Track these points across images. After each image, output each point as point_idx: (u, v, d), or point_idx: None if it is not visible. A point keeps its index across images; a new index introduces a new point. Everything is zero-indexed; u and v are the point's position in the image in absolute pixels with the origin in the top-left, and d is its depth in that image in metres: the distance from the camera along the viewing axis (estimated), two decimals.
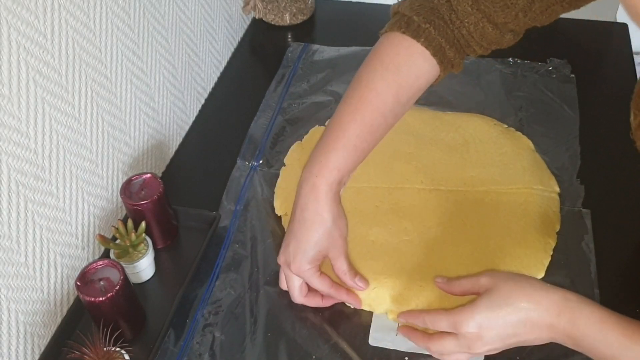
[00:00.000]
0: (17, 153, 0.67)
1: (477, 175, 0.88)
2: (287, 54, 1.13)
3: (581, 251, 0.80)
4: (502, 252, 0.79)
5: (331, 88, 1.05)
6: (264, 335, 0.75)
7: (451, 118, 0.96)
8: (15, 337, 0.69)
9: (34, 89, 0.68)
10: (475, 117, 0.96)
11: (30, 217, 0.70)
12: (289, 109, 1.03)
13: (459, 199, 0.85)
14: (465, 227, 0.82)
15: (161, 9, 0.90)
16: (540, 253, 0.79)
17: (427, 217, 0.83)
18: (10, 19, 0.63)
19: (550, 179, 0.87)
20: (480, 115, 0.97)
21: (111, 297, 0.69)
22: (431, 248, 0.80)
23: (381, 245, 0.81)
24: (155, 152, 0.94)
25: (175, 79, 0.97)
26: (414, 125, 0.94)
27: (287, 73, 1.09)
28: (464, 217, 0.83)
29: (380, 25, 0.76)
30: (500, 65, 1.07)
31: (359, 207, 0.84)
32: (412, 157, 0.91)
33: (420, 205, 0.85)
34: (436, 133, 0.94)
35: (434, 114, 0.97)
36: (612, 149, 0.93)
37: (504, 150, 0.91)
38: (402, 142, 0.92)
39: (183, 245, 0.85)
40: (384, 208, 0.85)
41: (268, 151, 0.96)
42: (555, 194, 0.86)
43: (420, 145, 0.92)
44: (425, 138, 0.93)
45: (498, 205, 0.84)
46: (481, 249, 0.79)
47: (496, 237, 0.80)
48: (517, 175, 0.87)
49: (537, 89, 1.03)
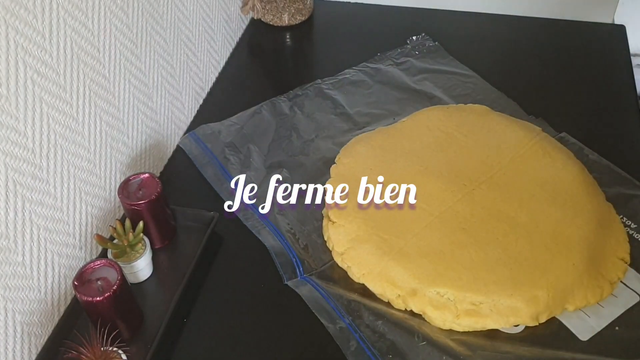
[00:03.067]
0: (14, 152, 0.66)
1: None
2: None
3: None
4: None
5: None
6: None
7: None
8: (12, 337, 0.69)
9: (31, 88, 0.68)
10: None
11: (27, 216, 0.70)
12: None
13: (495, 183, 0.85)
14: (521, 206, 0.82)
15: (159, 8, 0.90)
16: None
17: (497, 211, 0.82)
18: (8, 18, 0.63)
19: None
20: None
21: (108, 297, 0.69)
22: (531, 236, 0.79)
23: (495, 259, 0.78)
24: (153, 152, 0.94)
25: (173, 79, 0.97)
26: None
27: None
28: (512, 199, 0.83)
29: (378, 26, 0.76)
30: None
31: (448, 238, 0.80)
32: (441, 165, 0.88)
33: (481, 204, 0.83)
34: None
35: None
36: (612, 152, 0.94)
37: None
38: (422, 156, 0.90)
39: (181, 245, 0.85)
40: (472, 223, 0.81)
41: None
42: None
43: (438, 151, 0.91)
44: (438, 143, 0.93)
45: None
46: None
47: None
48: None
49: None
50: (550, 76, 1.08)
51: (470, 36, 1.18)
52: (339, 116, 1.02)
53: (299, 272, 0.81)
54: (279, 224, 0.86)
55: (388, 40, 1.15)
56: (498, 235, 0.79)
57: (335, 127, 1.00)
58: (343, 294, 0.78)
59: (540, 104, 1.02)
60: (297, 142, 0.98)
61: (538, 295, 0.74)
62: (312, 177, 0.92)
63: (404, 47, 1.14)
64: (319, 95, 1.06)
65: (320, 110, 1.03)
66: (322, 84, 1.08)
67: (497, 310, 0.73)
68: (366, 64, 1.11)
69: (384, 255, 0.78)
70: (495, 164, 0.87)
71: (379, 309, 0.77)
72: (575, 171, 0.86)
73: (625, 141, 0.96)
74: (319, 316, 0.76)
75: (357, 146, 0.93)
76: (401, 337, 0.74)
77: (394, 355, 0.72)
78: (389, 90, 1.06)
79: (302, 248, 0.83)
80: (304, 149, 0.97)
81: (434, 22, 1.20)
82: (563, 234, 0.79)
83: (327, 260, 0.82)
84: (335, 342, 0.74)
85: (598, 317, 0.74)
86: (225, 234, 0.86)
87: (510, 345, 0.73)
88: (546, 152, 0.89)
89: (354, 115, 1.02)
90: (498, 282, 0.75)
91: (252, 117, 1.02)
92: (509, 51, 1.14)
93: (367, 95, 1.05)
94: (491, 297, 0.74)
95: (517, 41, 1.16)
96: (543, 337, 0.73)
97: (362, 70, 1.10)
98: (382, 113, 1.02)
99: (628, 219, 0.84)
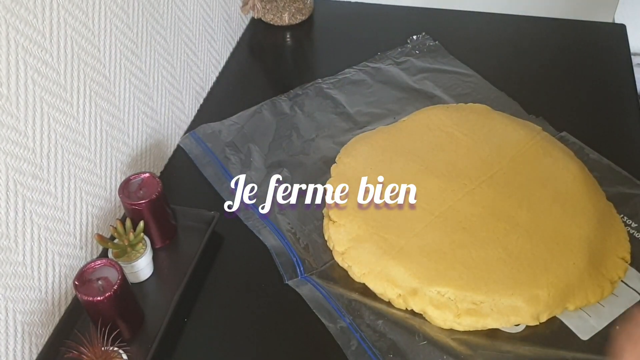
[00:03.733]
0: (15, 152, 0.66)
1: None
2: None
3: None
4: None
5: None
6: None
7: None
8: (13, 337, 0.69)
9: (32, 88, 0.68)
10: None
11: (28, 216, 0.70)
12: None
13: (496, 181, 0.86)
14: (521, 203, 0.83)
15: (160, 8, 0.90)
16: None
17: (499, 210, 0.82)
18: (8, 17, 0.63)
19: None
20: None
21: (109, 296, 0.69)
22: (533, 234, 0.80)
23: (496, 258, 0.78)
24: (153, 152, 0.94)
25: (174, 79, 0.97)
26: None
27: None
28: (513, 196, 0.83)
29: (379, 26, 0.76)
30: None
31: (449, 237, 0.80)
32: (442, 165, 0.89)
33: (481, 203, 0.83)
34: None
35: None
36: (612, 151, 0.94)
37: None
38: (422, 156, 0.90)
39: (181, 244, 0.85)
40: (472, 222, 0.81)
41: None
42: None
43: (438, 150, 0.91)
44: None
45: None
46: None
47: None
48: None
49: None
50: (550, 75, 1.08)
51: (471, 35, 1.18)
52: (339, 115, 1.02)
53: (299, 271, 0.81)
54: (279, 224, 0.86)
55: (388, 39, 1.15)
56: (498, 235, 0.79)
57: (336, 127, 1.00)
58: (344, 293, 0.78)
59: (541, 103, 1.02)
60: (297, 141, 0.98)
61: (539, 294, 0.74)
62: (313, 176, 0.92)
63: (404, 46, 1.14)
64: (320, 95, 1.06)
65: (321, 110, 1.03)
66: (322, 83, 1.08)
67: (498, 310, 0.73)
68: (366, 63, 1.11)
69: (384, 255, 0.78)
70: (496, 163, 0.87)
71: (379, 308, 0.77)
72: (575, 170, 0.86)
73: (625, 140, 0.96)
74: (319, 316, 0.76)
75: (358, 145, 0.93)
76: (402, 336, 0.74)
77: (395, 355, 0.72)
78: (390, 90, 1.06)
79: (302, 247, 0.83)
80: (304, 148, 0.97)
81: (434, 21, 1.20)
82: (563, 233, 0.79)
83: (328, 260, 0.82)
84: (335, 342, 0.74)
85: (599, 316, 0.74)
86: (225, 233, 0.86)
87: (511, 344, 0.73)
88: (547, 152, 0.89)
89: (354, 114, 1.02)
90: (499, 281, 0.75)
91: (253, 116, 1.02)
92: (509, 50, 1.14)
93: (367, 95, 1.05)
94: (492, 297, 0.74)
95: (518, 40, 1.16)
96: (544, 337, 0.73)
97: (363, 70, 1.10)
98: (382, 112, 1.02)
99: (629, 218, 0.84)
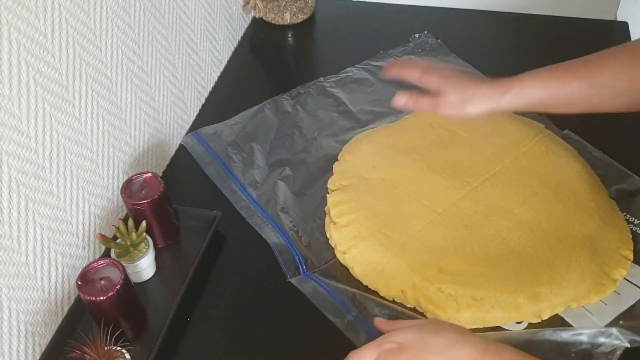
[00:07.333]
0: (17, 152, 0.67)
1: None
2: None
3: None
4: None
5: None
6: None
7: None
8: (16, 337, 0.69)
9: (34, 89, 0.68)
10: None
11: (30, 216, 0.70)
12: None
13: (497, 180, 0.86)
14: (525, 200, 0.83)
15: (161, 8, 0.90)
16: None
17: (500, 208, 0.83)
18: (10, 18, 0.63)
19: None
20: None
21: (112, 296, 0.69)
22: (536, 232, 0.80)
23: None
24: (155, 152, 0.94)
25: (175, 78, 0.97)
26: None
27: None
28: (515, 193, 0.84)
29: (380, 24, 0.76)
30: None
31: (451, 235, 0.80)
32: (444, 163, 0.89)
33: (484, 201, 0.83)
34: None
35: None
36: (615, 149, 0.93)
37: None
38: (423, 155, 0.90)
39: (184, 244, 0.85)
40: (475, 220, 0.81)
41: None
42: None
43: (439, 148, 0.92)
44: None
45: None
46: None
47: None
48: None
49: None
50: None
51: (473, 33, 1.18)
52: (341, 114, 1.02)
53: (302, 269, 0.81)
54: (282, 222, 0.86)
55: (390, 38, 1.15)
56: (501, 232, 0.79)
57: (338, 125, 1.00)
58: (347, 289, 0.78)
59: None
60: (299, 140, 0.98)
61: (541, 291, 0.74)
62: (315, 174, 0.92)
63: (406, 44, 1.13)
64: (322, 94, 1.06)
65: (323, 109, 1.03)
66: (324, 82, 1.08)
67: (500, 306, 0.73)
68: (369, 61, 1.11)
69: (386, 252, 0.78)
70: (499, 161, 0.87)
71: (384, 302, 0.77)
72: (578, 168, 0.86)
73: (628, 138, 0.95)
74: (324, 312, 0.76)
75: (360, 144, 0.93)
76: None
77: None
78: (392, 88, 1.05)
79: (305, 246, 0.83)
80: (306, 147, 0.97)
81: (436, 19, 1.20)
82: (566, 230, 0.79)
83: (330, 258, 0.82)
84: (338, 338, 0.74)
85: (601, 314, 0.74)
86: (228, 232, 0.87)
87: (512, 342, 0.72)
88: (549, 150, 0.89)
89: (356, 113, 1.02)
90: (501, 278, 0.75)
91: (255, 115, 1.02)
92: (511, 48, 1.14)
93: (369, 93, 1.05)
94: (493, 293, 0.74)
95: (520, 38, 1.16)
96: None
97: (365, 68, 1.10)
98: (384, 111, 1.02)
99: (631, 215, 0.83)
